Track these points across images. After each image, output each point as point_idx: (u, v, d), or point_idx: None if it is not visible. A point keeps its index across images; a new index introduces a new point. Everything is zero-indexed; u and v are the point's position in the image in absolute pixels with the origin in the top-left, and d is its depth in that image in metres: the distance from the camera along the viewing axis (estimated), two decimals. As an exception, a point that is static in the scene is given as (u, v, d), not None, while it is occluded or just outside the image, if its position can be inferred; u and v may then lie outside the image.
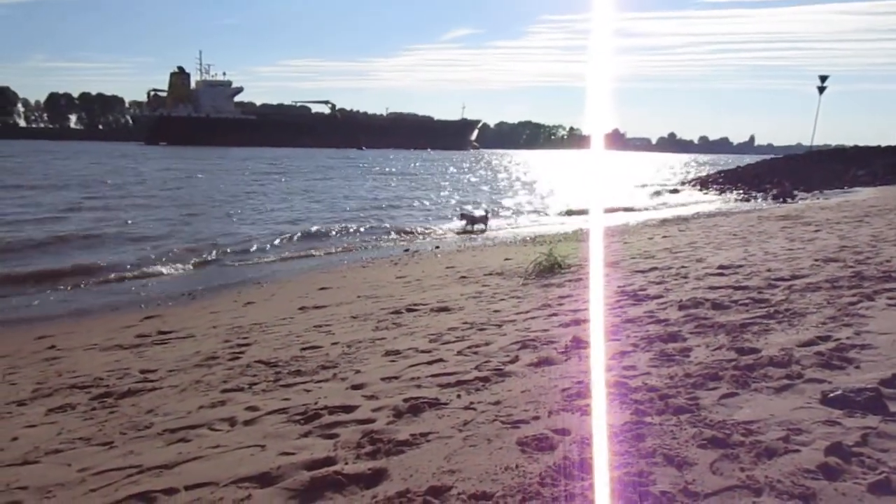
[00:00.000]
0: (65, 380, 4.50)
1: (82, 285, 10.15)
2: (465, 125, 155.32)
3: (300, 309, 7.21)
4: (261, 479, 2.40)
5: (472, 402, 3.12)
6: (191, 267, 11.89)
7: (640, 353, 3.83)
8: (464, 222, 17.86)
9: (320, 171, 49.04)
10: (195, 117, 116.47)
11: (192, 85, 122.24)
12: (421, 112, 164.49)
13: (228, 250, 13.50)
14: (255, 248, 14.09)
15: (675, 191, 36.19)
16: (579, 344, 4.20)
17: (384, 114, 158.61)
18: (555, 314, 5.44)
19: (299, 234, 16.02)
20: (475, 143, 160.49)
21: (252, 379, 4.01)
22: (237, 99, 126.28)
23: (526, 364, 3.80)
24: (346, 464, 2.46)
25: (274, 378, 3.98)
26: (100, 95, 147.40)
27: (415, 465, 2.41)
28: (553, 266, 8.50)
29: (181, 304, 8.71)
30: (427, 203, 25.96)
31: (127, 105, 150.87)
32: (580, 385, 3.30)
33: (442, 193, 31.54)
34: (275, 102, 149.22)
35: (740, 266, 6.66)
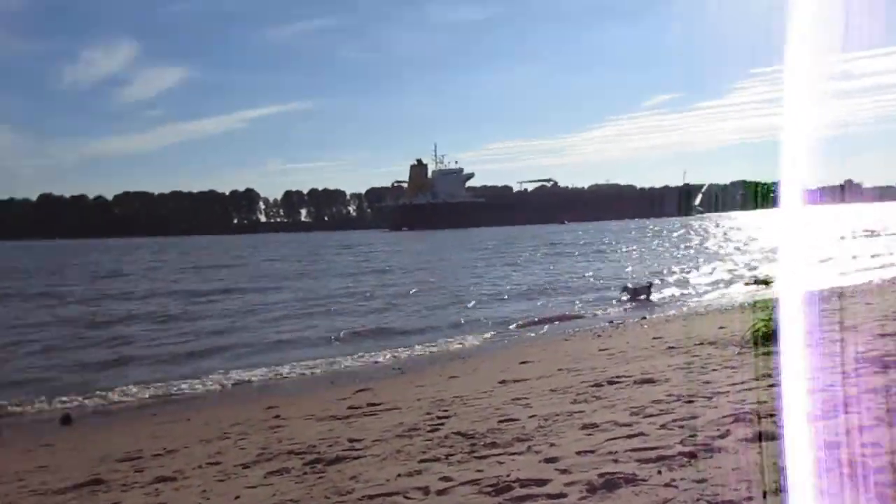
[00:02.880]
0: (283, 446, 4.86)
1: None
2: (689, 190, 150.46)
3: (500, 382, 7.21)
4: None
5: (673, 479, 2.85)
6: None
7: (885, 428, 3.30)
8: (626, 296, 17.22)
9: (525, 249, 49.73)
10: (433, 203, 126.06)
11: (429, 174, 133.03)
12: (623, 182, 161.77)
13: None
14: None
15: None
16: (806, 417, 3.71)
17: (585, 187, 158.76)
18: (775, 384, 4.89)
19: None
20: (700, 208, 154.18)
21: (449, 450, 4.04)
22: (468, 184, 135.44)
23: (739, 439, 3.42)
24: (534, 540, 2.34)
25: (469, 450, 3.97)
26: (325, 190, 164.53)
27: (607, 544, 2.23)
28: (775, 332, 7.77)
29: (390, 377, 9.14)
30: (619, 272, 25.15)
31: (348, 197, 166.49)
32: (805, 463, 2.89)
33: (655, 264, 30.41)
34: (500, 184, 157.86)
35: None
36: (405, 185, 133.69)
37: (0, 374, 10.57)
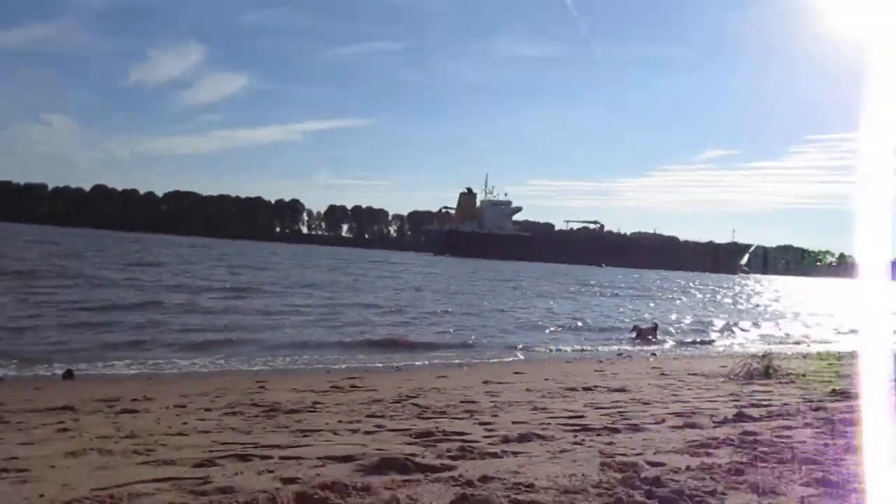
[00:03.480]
0: (252, 403, 5.06)
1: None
2: (737, 249, 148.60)
3: (484, 382, 7.32)
4: (342, 459, 2.53)
5: (583, 440, 2.97)
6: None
7: (802, 429, 3.36)
8: (634, 334, 17.24)
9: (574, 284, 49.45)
10: (479, 233, 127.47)
11: (478, 203, 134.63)
12: (667, 233, 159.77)
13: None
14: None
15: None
16: (742, 418, 3.76)
17: (627, 234, 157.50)
18: (738, 401, 4.92)
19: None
20: (745, 268, 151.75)
21: (399, 414, 4.19)
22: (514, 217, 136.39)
23: (669, 425, 3.50)
24: (423, 458, 2.49)
25: (417, 414, 4.12)
26: (368, 208, 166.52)
27: (485, 467, 2.37)
28: (767, 370, 7.76)
29: (384, 373, 9.30)
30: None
31: (390, 217, 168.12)
32: (714, 441, 2.97)
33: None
34: (541, 220, 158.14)
35: None
36: (453, 211, 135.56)
37: (20, 345, 11.06)
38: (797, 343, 20.53)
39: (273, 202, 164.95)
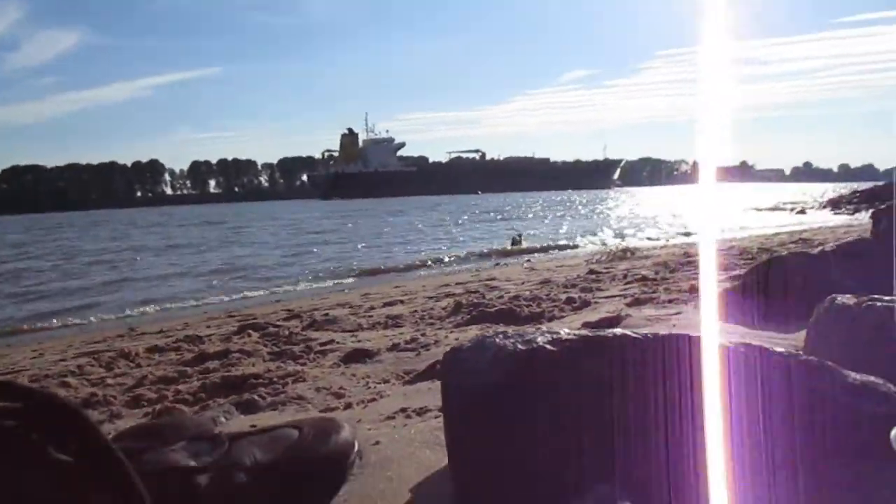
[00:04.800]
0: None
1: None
2: (608, 165, 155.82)
3: (364, 295, 7.45)
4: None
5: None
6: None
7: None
8: (510, 245, 18.46)
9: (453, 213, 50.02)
10: (365, 173, 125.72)
11: (360, 144, 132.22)
12: (541, 155, 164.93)
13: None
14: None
15: (801, 212, 33.95)
16: (591, 272, 4.12)
17: (501, 158, 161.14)
18: (594, 270, 5.35)
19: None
20: (618, 182, 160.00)
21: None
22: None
23: (527, 287, 3.78)
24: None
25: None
26: (235, 160, 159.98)
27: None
28: (625, 253, 8.50)
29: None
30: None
31: (259, 167, 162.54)
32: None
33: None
34: (427, 155, 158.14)
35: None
36: (336, 154, 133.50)
37: None
38: (656, 240, 22.17)
39: (129, 165, 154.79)
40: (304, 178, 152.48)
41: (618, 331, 1.03)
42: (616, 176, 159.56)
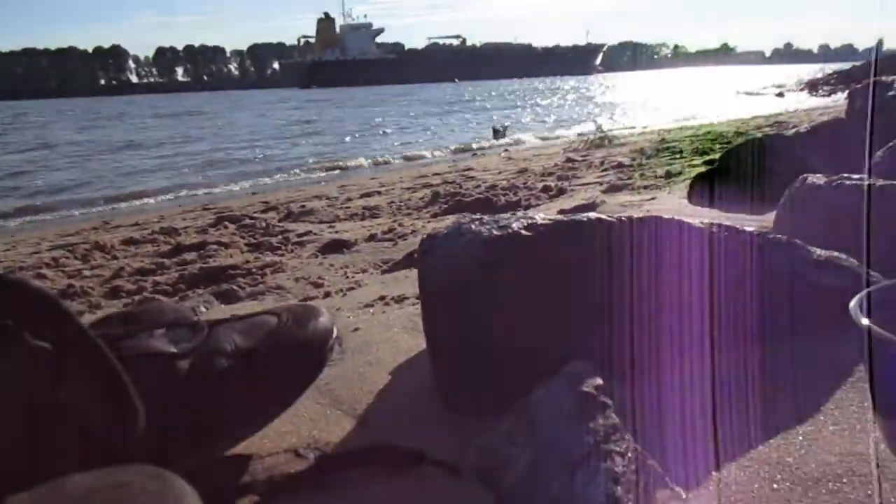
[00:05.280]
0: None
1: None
2: (591, 50, 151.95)
3: (340, 187, 7.39)
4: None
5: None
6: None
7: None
8: (491, 135, 18.22)
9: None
10: (343, 60, 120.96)
11: (337, 29, 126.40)
12: (519, 41, 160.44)
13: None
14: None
15: (780, 94, 33.72)
16: (568, 160, 4.11)
17: (479, 45, 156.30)
18: (570, 159, 5.33)
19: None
20: (600, 68, 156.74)
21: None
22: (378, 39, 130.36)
23: (504, 176, 3.76)
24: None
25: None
26: (202, 47, 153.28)
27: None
28: (603, 140, 8.43)
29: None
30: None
31: (228, 55, 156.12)
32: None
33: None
34: (406, 41, 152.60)
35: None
36: (313, 40, 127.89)
37: None
38: (638, 126, 22.03)
39: (90, 51, 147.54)
40: (276, 65, 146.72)
41: (592, 215, 1.03)
42: (598, 61, 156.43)
